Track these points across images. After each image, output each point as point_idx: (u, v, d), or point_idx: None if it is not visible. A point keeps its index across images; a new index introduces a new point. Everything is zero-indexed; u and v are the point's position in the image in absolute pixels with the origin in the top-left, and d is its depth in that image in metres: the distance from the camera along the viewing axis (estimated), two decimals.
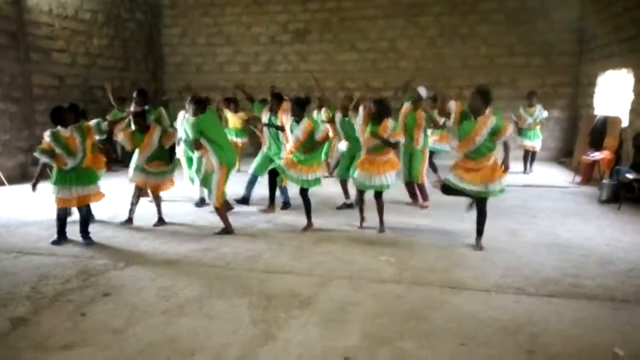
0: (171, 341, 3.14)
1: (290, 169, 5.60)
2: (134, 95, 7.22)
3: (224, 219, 5.59)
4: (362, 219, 5.79)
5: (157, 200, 6.10)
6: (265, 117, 6.77)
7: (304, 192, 5.70)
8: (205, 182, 5.74)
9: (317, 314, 3.50)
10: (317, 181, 5.67)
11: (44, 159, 5.11)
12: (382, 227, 5.62)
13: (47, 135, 5.07)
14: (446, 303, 3.67)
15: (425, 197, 6.90)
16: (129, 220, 6.01)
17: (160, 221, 6.03)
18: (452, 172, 4.90)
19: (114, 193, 7.66)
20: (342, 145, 6.94)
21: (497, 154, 4.81)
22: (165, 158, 6.00)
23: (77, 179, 5.10)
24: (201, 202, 7.06)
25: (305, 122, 5.58)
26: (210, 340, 3.16)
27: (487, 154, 4.72)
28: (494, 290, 3.89)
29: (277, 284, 4.06)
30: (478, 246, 4.95)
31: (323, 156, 9.06)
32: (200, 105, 5.54)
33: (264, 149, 6.82)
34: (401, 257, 4.72)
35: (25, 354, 3.02)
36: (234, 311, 3.57)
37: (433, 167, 8.09)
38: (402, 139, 5.45)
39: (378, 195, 5.59)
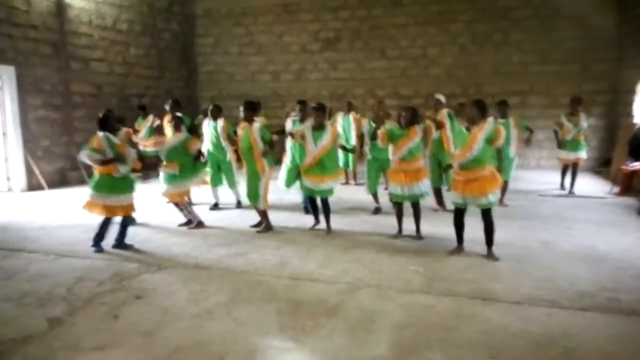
0: (200, 345, 3.18)
1: (312, 182, 5.71)
2: (167, 104, 7.50)
3: (266, 217, 5.96)
4: (401, 230, 5.70)
5: (183, 204, 6.22)
6: (289, 125, 6.82)
7: (324, 202, 5.82)
8: (232, 185, 5.95)
9: (344, 323, 3.48)
10: (331, 191, 5.79)
11: (95, 157, 4.98)
12: (419, 234, 5.61)
13: (101, 138, 5.02)
14: (476, 315, 3.60)
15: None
16: (199, 223, 6.18)
17: (198, 224, 6.19)
18: (453, 190, 4.92)
19: (146, 198, 7.85)
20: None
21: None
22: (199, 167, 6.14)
23: (116, 187, 5.09)
24: (215, 206, 7.22)
25: (331, 129, 5.68)
26: (238, 345, 3.18)
27: (481, 165, 4.73)
28: (526, 303, 3.79)
29: (304, 291, 4.07)
30: (492, 257, 4.87)
31: (350, 165, 9.12)
32: (254, 110, 5.92)
33: (287, 160, 6.72)
34: (430, 266, 4.67)
35: (60, 354, 3.11)
36: (261, 317, 3.59)
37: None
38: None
39: (415, 204, 5.58)
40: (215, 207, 7.30)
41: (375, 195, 6.93)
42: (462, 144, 4.83)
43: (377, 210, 6.93)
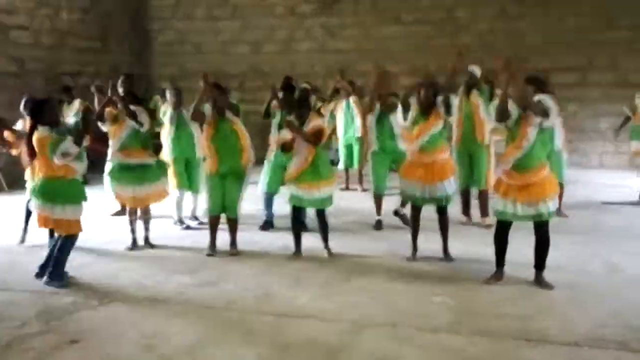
0: None
1: (302, 190, 5.72)
2: (120, 81, 7.46)
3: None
4: (415, 249, 5.72)
5: (146, 215, 6.28)
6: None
7: (320, 214, 5.84)
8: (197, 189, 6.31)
9: None
10: (331, 200, 5.82)
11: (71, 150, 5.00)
12: (447, 254, 5.63)
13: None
14: None
15: (485, 212, 6.88)
16: (134, 242, 6.24)
17: (147, 241, 6.24)
18: (499, 197, 4.90)
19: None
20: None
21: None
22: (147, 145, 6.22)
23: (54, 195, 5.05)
24: (180, 222, 7.22)
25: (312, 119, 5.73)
26: None
27: (540, 162, 4.77)
28: (586, 345, 3.80)
29: (294, 332, 4.06)
30: (543, 284, 4.89)
31: (355, 163, 9.14)
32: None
33: (271, 156, 6.83)
34: (460, 297, 4.67)
35: None
36: None
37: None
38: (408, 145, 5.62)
39: (441, 210, 5.60)
40: (181, 222, 7.25)
41: (379, 201, 6.92)
42: (516, 130, 4.74)
43: (379, 225, 6.90)
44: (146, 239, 6.27)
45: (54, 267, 5.05)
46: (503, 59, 5.95)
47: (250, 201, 6.96)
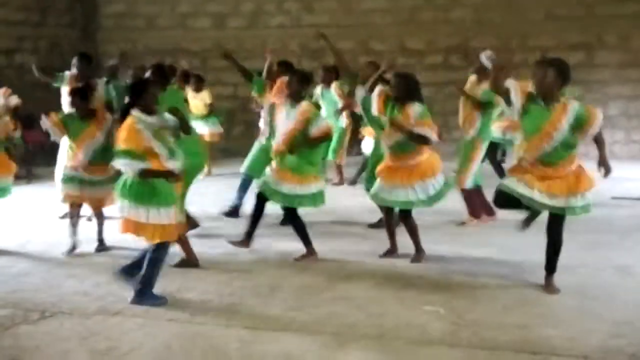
0: None
1: (276, 179, 5.73)
2: (74, 62, 7.34)
3: (185, 245, 5.67)
4: (393, 248, 5.90)
5: (100, 219, 6.23)
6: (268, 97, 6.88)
7: (292, 213, 5.88)
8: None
9: None
10: (315, 198, 5.83)
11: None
12: (418, 254, 5.76)
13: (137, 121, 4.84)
14: None
15: (470, 212, 7.05)
16: (74, 246, 6.16)
17: (101, 246, 6.19)
18: (512, 177, 4.91)
19: (24, 209, 7.72)
20: (367, 145, 7.00)
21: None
22: (110, 159, 6.09)
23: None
24: None
25: (302, 107, 5.78)
26: None
27: (568, 156, 4.81)
28: (598, 357, 3.85)
29: (267, 347, 4.04)
30: (551, 287, 4.97)
31: (331, 155, 9.16)
32: (161, 79, 5.81)
33: (262, 139, 6.97)
34: (456, 306, 4.69)
35: None
36: None
37: (498, 168, 8.09)
38: (433, 134, 5.59)
39: (404, 214, 5.79)
40: None
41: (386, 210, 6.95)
42: (537, 130, 4.75)
43: (381, 223, 6.97)
44: (101, 241, 6.20)
45: (144, 284, 4.75)
46: (463, 48, 6.16)
47: (212, 197, 6.95)
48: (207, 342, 4.13)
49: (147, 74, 6.25)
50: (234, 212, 7.11)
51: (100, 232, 6.23)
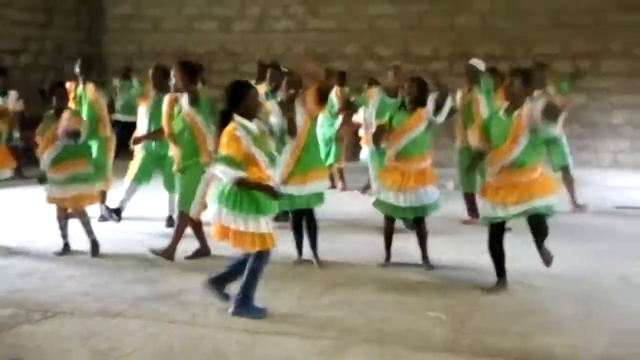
0: None
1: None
2: (77, 67, 7.41)
3: (201, 234, 5.91)
4: (389, 255, 5.93)
5: (83, 218, 6.22)
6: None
7: (308, 215, 5.91)
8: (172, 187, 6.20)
9: None
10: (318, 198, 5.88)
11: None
12: (427, 262, 5.79)
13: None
14: None
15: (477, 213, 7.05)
16: (66, 247, 6.19)
17: (94, 248, 6.17)
18: (486, 201, 5.11)
19: (26, 209, 7.74)
20: (365, 153, 7.04)
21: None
22: (84, 154, 6.17)
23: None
24: (117, 212, 7.25)
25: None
26: None
27: (533, 162, 4.98)
28: None
29: (267, 351, 4.05)
30: (546, 253, 5.08)
31: (332, 159, 9.18)
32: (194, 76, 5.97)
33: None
34: (457, 312, 4.70)
35: None
36: None
37: None
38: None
39: (419, 220, 5.80)
40: (117, 212, 7.26)
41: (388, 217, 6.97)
42: (501, 136, 4.99)
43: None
44: (93, 242, 6.19)
45: (244, 294, 4.60)
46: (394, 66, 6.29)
47: None
48: (209, 344, 4.14)
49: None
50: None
51: (88, 233, 6.19)
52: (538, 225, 5.03)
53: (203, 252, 6.07)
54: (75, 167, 6.03)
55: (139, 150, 7.21)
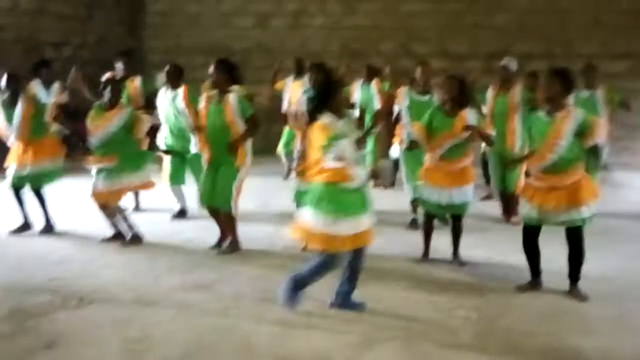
0: None
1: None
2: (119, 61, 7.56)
3: (234, 231, 6.05)
4: (427, 252, 5.93)
5: (122, 212, 6.37)
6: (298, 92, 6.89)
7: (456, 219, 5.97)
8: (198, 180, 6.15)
9: None
10: None
11: None
12: (458, 258, 5.82)
13: None
14: None
15: (515, 211, 6.97)
16: (135, 238, 6.33)
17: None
18: (525, 200, 5.06)
19: (66, 198, 7.90)
20: (395, 150, 7.02)
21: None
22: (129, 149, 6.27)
23: None
24: (180, 214, 7.40)
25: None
26: None
27: (573, 165, 4.90)
28: None
29: (296, 344, 4.09)
30: (577, 295, 4.97)
31: (370, 159, 9.15)
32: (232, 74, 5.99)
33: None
34: (486, 311, 4.69)
35: None
36: None
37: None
38: (493, 133, 5.84)
39: (456, 218, 5.83)
40: (181, 214, 7.40)
41: (415, 202, 6.97)
42: (541, 136, 4.94)
43: (414, 223, 7.02)
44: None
45: (297, 282, 4.53)
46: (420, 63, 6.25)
47: (251, 194, 7.02)
48: (239, 336, 4.20)
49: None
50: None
51: (129, 226, 6.32)
52: (574, 237, 4.94)
53: (235, 246, 6.12)
54: (119, 159, 6.14)
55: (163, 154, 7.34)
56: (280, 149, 9.77)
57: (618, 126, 10.67)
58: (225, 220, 6.09)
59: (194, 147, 6.55)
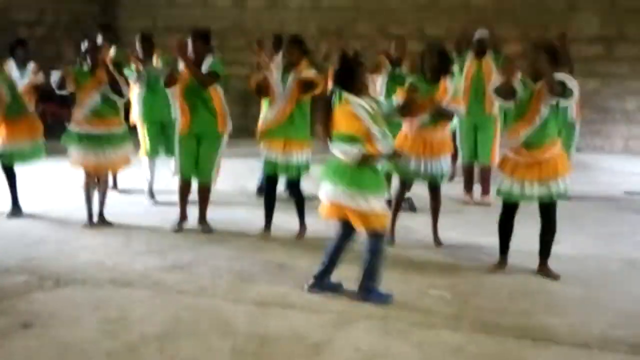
0: None
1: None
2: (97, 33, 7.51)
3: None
4: (393, 227, 5.76)
5: (104, 187, 6.37)
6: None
7: (294, 187, 5.98)
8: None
9: None
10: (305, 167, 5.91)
11: None
12: (437, 237, 5.85)
13: None
14: None
15: (487, 190, 7.27)
16: (100, 217, 6.29)
17: (100, 218, 6.28)
18: (505, 175, 5.04)
19: (42, 179, 7.84)
20: None
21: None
22: (118, 114, 6.26)
23: None
24: (151, 195, 7.31)
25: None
26: None
27: (552, 139, 4.95)
28: (597, 347, 3.89)
29: (273, 322, 4.13)
30: (547, 273, 5.05)
31: None
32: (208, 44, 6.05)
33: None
34: (460, 291, 4.76)
35: None
36: (209, 357, 3.65)
37: None
38: (462, 108, 5.86)
39: (434, 190, 5.80)
40: (151, 195, 7.34)
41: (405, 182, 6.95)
42: (522, 107, 4.94)
43: (409, 205, 6.90)
44: (100, 215, 6.29)
45: (369, 277, 4.54)
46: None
47: (227, 176, 7.02)
48: (216, 315, 4.22)
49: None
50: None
51: (101, 203, 6.31)
52: (548, 212, 5.00)
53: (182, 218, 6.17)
54: (110, 125, 6.13)
55: (139, 124, 7.28)
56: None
57: (591, 110, 10.85)
58: (205, 193, 6.12)
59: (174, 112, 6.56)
